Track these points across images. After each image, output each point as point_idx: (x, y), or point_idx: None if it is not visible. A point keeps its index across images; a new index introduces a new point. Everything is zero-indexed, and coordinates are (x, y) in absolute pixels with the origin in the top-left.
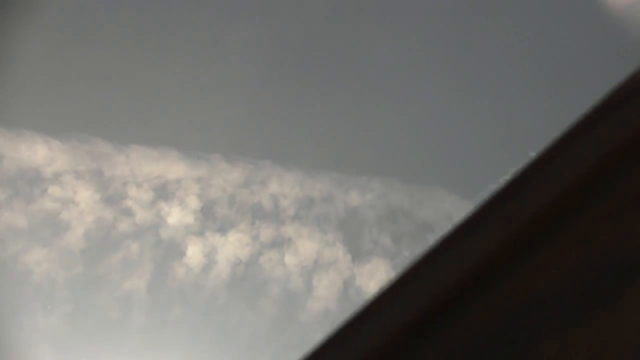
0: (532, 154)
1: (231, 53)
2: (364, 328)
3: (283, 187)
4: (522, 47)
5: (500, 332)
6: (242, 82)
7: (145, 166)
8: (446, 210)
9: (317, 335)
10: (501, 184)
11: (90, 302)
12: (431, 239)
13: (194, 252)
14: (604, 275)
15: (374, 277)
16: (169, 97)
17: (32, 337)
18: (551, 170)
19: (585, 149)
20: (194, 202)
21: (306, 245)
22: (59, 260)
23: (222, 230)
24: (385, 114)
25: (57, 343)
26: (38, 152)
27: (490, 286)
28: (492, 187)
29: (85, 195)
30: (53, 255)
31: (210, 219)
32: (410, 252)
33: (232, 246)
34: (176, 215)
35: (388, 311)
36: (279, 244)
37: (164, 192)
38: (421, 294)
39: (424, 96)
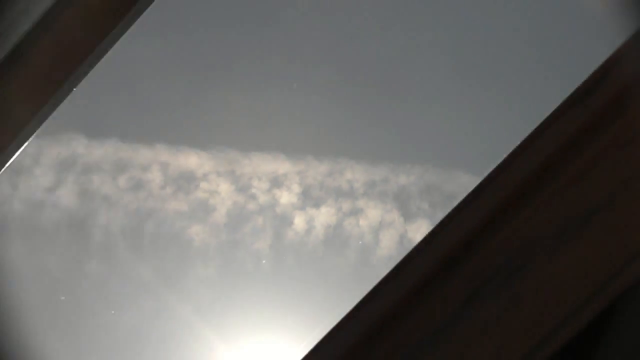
0: None
1: (314, 74)
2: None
3: (355, 174)
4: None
5: (507, 260)
6: (322, 99)
7: (262, 166)
8: (464, 185)
9: (383, 272)
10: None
11: (232, 259)
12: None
13: (299, 221)
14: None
15: (419, 232)
16: (276, 111)
17: (196, 285)
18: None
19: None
20: (296, 188)
21: (373, 213)
22: (210, 231)
23: (317, 205)
24: (419, 116)
25: (213, 288)
26: (191, 160)
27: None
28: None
29: (224, 187)
30: (206, 229)
31: (308, 198)
32: (442, 214)
33: (324, 216)
34: (285, 197)
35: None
36: (355, 212)
37: (276, 182)
38: (453, 234)
39: (445, 99)
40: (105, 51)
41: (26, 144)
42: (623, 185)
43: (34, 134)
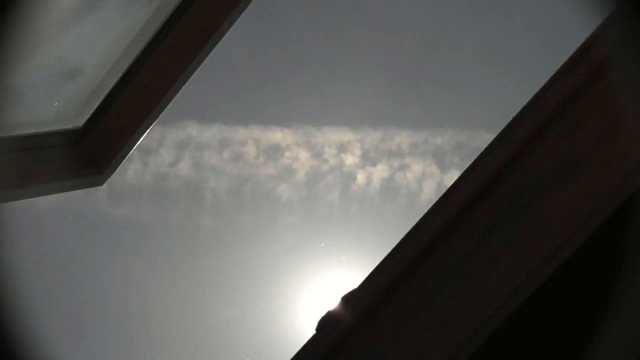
0: None
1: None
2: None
3: (402, 138)
4: None
5: (521, 195)
6: (375, 83)
7: (331, 136)
8: (487, 141)
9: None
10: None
11: (313, 209)
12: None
13: (360, 177)
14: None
15: (453, 180)
16: (340, 94)
17: (284, 231)
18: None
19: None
20: (357, 152)
21: (416, 168)
22: (293, 189)
23: (373, 164)
24: (449, 91)
25: (297, 232)
26: (277, 135)
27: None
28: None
29: (303, 155)
30: (290, 187)
31: (367, 159)
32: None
33: (379, 172)
34: (350, 159)
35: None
36: (403, 168)
37: (342, 148)
38: (477, 178)
39: (469, 77)
40: (208, 52)
41: (149, 129)
42: (608, 133)
43: (156, 122)
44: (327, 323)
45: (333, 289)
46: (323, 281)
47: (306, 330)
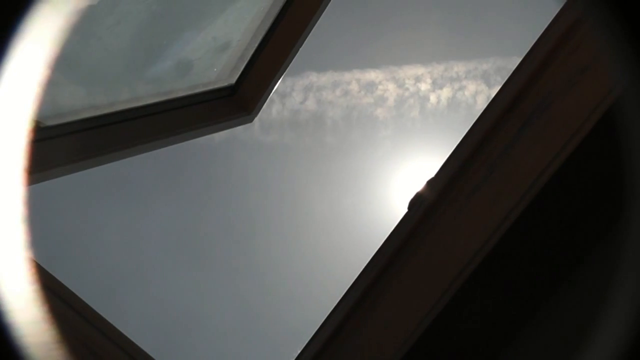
0: None
1: None
2: None
3: (459, 67)
4: None
5: (542, 100)
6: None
7: (409, 71)
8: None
9: None
10: None
11: (401, 124)
12: None
13: (433, 98)
14: None
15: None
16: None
17: (382, 140)
18: None
19: None
20: (429, 80)
21: (471, 87)
22: (386, 111)
23: (441, 88)
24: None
25: (392, 141)
26: (371, 75)
27: None
28: None
29: (391, 87)
30: (384, 110)
31: (436, 85)
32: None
33: (445, 93)
34: (424, 86)
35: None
36: (461, 89)
37: (418, 79)
38: (509, 93)
39: None
40: (315, 22)
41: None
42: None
43: (285, 74)
44: (415, 202)
45: (419, 178)
46: (412, 173)
47: (401, 209)
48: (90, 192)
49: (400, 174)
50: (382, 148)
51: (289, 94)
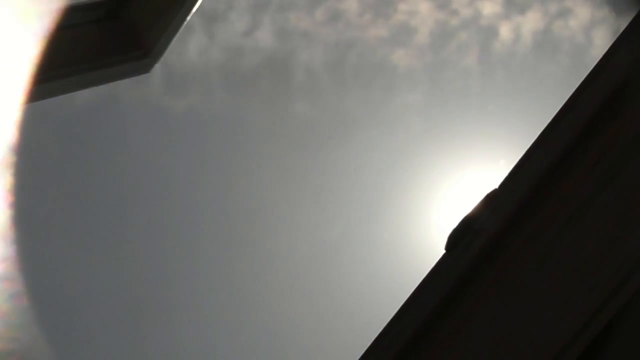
0: None
1: None
2: None
3: None
4: None
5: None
6: None
7: None
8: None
9: None
10: None
11: (442, 80)
12: None
13: (505, 31)
14: None
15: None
16: None
17: (404, 111)
18: None
19: None
20: None
21: (582, 12)
22: (414, 54)
23: (522, 11)
24: None
25: (422, 114)
26: None
27: None
28: None
29: (424, 6)
30: (409, 52)
31: (512, 5)
32: None
33: (531, 22)
34: (488, 8)
35: None
36: (563, 14)
37: None
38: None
39: None
40: None
41: None
42: None
43: None
44: (462, 235)
45: (470, 191)
46: (457, 182)
47: (436, 246)
48: None
49: (435, 183)
50: (404, 129)
51: (224, 15)
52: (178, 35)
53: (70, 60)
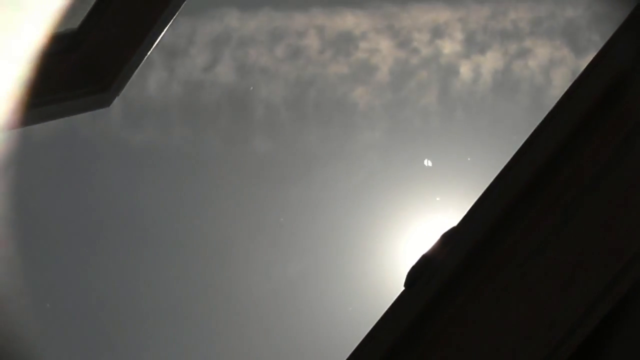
0: None
1: None
2: None
3: (519, 13)
4: None
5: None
6: None
7: (422, 17)
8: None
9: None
10: None
11: (401, 119)
12: None
13: (465, 70)
14: None
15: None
16: None
17: (364, 148)
18: None
19: None
20: (459, 35)
21: (542, 52)
22: (374, 92)
23: (482, 51)
24: None
25: (381, 151)
26: (348, 20)
27: None
28: None
29: (385, 44)
30: (369, 90)
31: (473, 45)
32: None
33: (490, 61)
34: (448, 47)
35: None
36: (523, 54)
37: (437, 32)
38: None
39: None
40: None
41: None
42: None
43: (179, 12)
44: (421, 273)
45: (428, 230)
46: (417, 219)
47: (395, 283)
48: None
49: (394, 222)
50: (364, 166)
51: (185, 50)
52: (138, 69)
53: (29, 93)
